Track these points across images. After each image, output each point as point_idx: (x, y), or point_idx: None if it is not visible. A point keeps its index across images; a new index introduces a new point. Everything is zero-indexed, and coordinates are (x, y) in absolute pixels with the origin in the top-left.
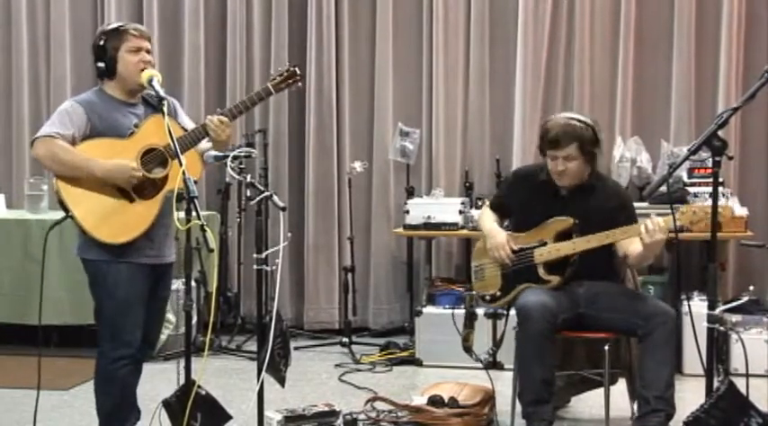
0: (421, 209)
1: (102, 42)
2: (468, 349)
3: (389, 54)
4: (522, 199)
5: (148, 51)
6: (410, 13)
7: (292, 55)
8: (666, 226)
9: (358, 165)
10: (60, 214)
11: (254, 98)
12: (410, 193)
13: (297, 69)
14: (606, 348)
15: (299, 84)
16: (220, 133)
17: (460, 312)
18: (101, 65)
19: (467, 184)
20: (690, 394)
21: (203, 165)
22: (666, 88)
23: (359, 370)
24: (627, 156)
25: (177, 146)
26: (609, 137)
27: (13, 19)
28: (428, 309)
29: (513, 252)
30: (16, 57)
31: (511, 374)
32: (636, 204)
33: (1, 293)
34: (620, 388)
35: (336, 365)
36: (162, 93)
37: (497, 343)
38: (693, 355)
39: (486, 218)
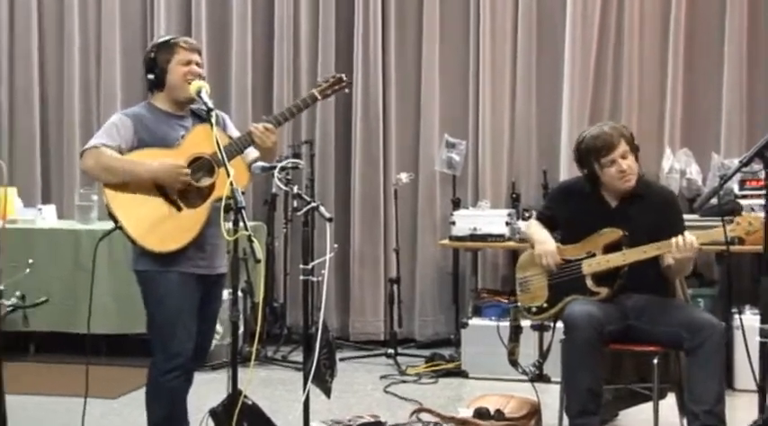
0: (467, 221)
1: (152, 55)
2: (514, 362)
3: (435, 65)
4: (569, 211)
5: (198, 64)
6: (456, 22)
7: (339, 66)
8: (696, 245)
9: (404, 176)
10: (110, 224)
11: (300, 104)
12: (456, 204)
13: (343, 75)
14: (655, 361)
15: (346, 90)
16: (266, 140)
17: (506, 324)
18: (151, 77)
19: (513, 196)
20: (741, 411)
21: (250, 174)
22: (717, 99)
23: (404, 382)
24: (676, 168)
25: (224, 155)
26: (658, 148)
27: (66, 32)
28: (474, 321)
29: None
30: (68, 70)
31: (558, 387)
32: (686, 216)
33: (51, 302)
34: (670, 402)
35: (382, 376)
36: (210, 104)
37: (544, 356)
38: (745, 370)
39: (536, 227)
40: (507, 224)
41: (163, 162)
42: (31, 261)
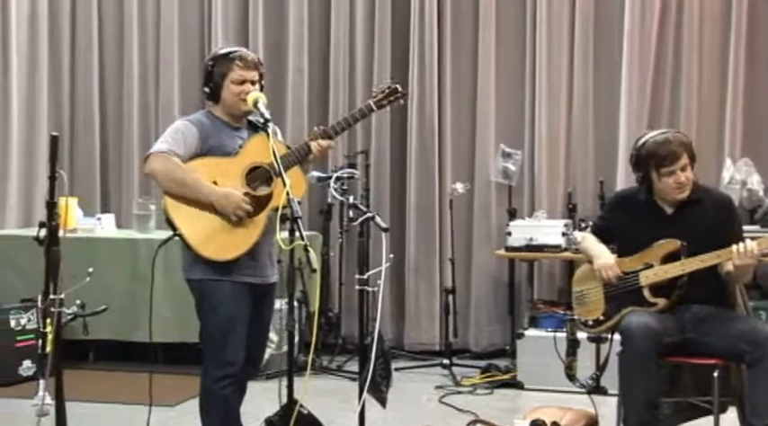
0: (523, 231)
1: (210, 67)
2: (571, 377)
3: (491, 75)
4: (626, 222)
5: (253, 82)
6: (512, 31)
7: (395, 77)
8: (756, 252)
9: (459, 186)
10: (168, 233)
11: (356, 115)
12: (512, 215)
13: (399, 86)
14: (715, 374)
15: (402, 101)
16: (323, 150)
17: (562, 335)
18: (206, 89)
19: (570, 206)
20: None
21: (308, 183)
22: None
23: (459, 392)
24: (737, 178)
25: (281, 166)
26: (717, 157)
27: (125, 44)
28: (530, 332)
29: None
30: (127, 82)
31: (615, 399)
32: (746, 227)
33: (110, 311)
34: (731, 416)
35: (437, 387)
36: (267, 115)
37: (601, 368)
38: None
39: (591, 241)
40: (564, 234)
41: (228, 194)
42: (90, 269)
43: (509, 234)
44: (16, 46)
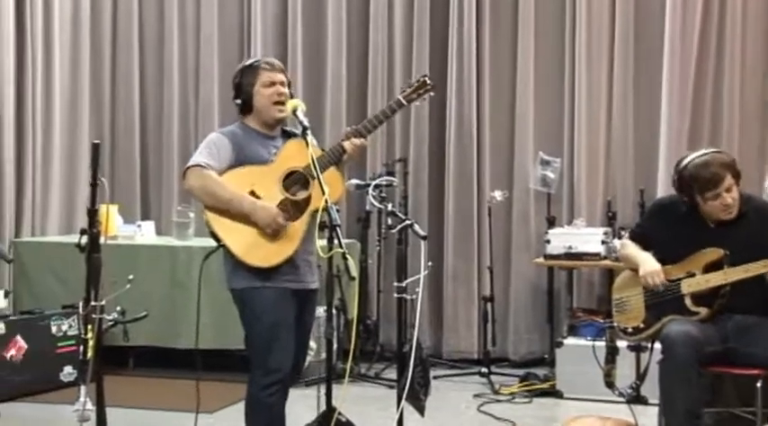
0: (562, 239)
1: (238, 80)
2: (610, 384)
3: (530, 82)
4: (666, 231)
5: (283, 83)
6: (551, 39)
7: (433, 83)
8: None
9: (498, 194)
10: (207, 241)
11: (387, 111)
12: (551, 223)
13: (427, 78)
14: (758, 385)
15: (431, 93)
16: (357, 150)
17: (602, 344)
18: (238, 101)
19: (609, 214)
20: None
21: (345, 184)
22: None
23: (498, 401)
24: None
25: (319, 172)
26: (759, 167)
27: (165, 51)
28: (569, 340)
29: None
30: (167, 89)
31: (656, 409)
32: None
33: (150, 317)
34: None
35: (475, 395)
36: (306, 122)
37: (641, 377)
38: None
39: (634, 248)
40: (603, 242)
41: (264, 207)
42: (131, 277)
43: (548, 242)
44: (59, 53)
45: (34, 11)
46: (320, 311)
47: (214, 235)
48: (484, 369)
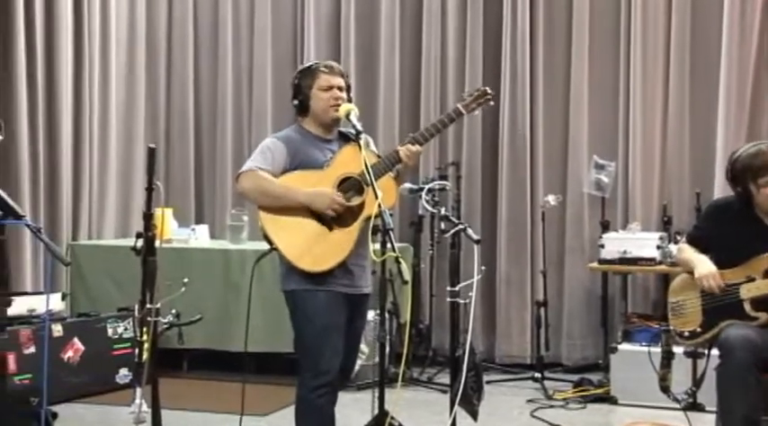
0: (617, 244)
1: (296, 81)
2: (665, 389)
3: (584, 85)
4: (723, 232)
5: (341, 88)
6: (606, 42)
7: (486, 86)
8: None
9: (551, 199)
10: (260, 244)
11: (445, 120)
12: (605, 227)
13: (488, 88)
14: None
15: (491, 103)
16: (411, 160)
17: (657, 350)
18: (296, 102)
19: (665, 219)
20: None
21: (398, 191)
22: None
23: (551, 407)
24: None
25: (372, 177)
26: None
27: (219, 56)
28: (624, 346)
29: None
30: (221, 94)
31: (712, 416)
32: None
33: (204, 320)
34: None
35: (528, 400)
36: (359, 126)
37: (697, 383)
38: None
39: (690, 251)
40: (658, 247)
41: (319, 192)
42: (186, 280)
43: (602, 246)
44: (115, 59)
45: (92, 17)
46: (373, 315)
47: (267, 238)
48: (537, 374)
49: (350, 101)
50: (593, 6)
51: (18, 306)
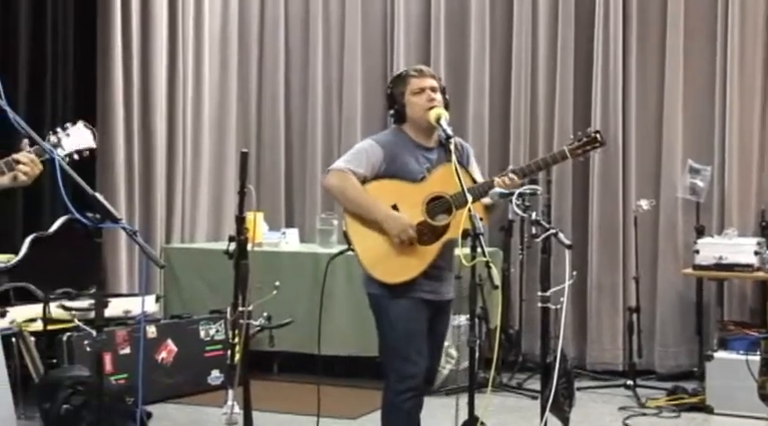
0: (712, 249)
1: (389, 90)
2: (764, 397)
3: (679, 86)
4: None
5: (433, 89)
6: (701, 43)
7: (578, 93)
8: None
9: (644, 203)
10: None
11: (548, 160)
12: (700, 232)
13: (599, 135)
14: None
15: (598, 150)
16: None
17: (755, 358)
18: (392, 112)
19: (763, 224)
20: None
21: (487, 217)
22: None
23: (644, 414)
24: None
25: (465, 187)
26: None
27: (310, 64)
28: (720, 354)
29: None
30: (311, 100)
31: None
32: None
33: (295, 323)
34: None
35: (620, 408)
36: (449, 131)
37: None
38: None
39: None
40: (756, 253)
41: (397, 218)
42: (277, 283)
43: (697, 252)
44: (208, 66)
45: (185, 26)
46: (462, 320)
47: (348, 239)
48: (629, 381)
49: (446, 102)
50: (689, 6)
51: (114, 308)
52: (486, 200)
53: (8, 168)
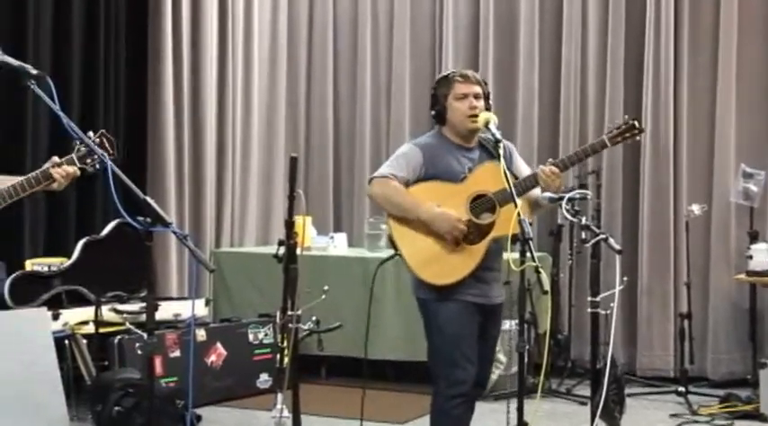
0: (766, 255)
1: (433, 91)
2: None
3: (732, 90)
4: None
5: (476, 96)
6: (755, 44)
7: (628, 95)
8: None
9: (696, 208)
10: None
11: (588, 150)
12: (753, 238)
13: (636, 122)
14: None
15: (638, 137)
16: (551, 183)
17: None
18: (433, 112)
19: None
20: None
21: (532, 213)
22: None
23: (696, 422)
24: None
25: (513, 191)
26: None
27: (358, 66)
28: None
29: None
30: (360, 104)
31: None
32: None
33: (343, 328)
34: None
35: (672, 415)
36: (498, 135)
37: None
38: None
39: None
40: None
41: (445, 215)
42: (326, 287)
43: (750, 257)
44: (257, 72)
45: (235, 30)
46: (511, 325)
47: (393, 244)
48: (681, 388)
49: (488, 109)
50: (742, 8)
51: (164, 311)
52: (535, 193)
53: (44, 178)
